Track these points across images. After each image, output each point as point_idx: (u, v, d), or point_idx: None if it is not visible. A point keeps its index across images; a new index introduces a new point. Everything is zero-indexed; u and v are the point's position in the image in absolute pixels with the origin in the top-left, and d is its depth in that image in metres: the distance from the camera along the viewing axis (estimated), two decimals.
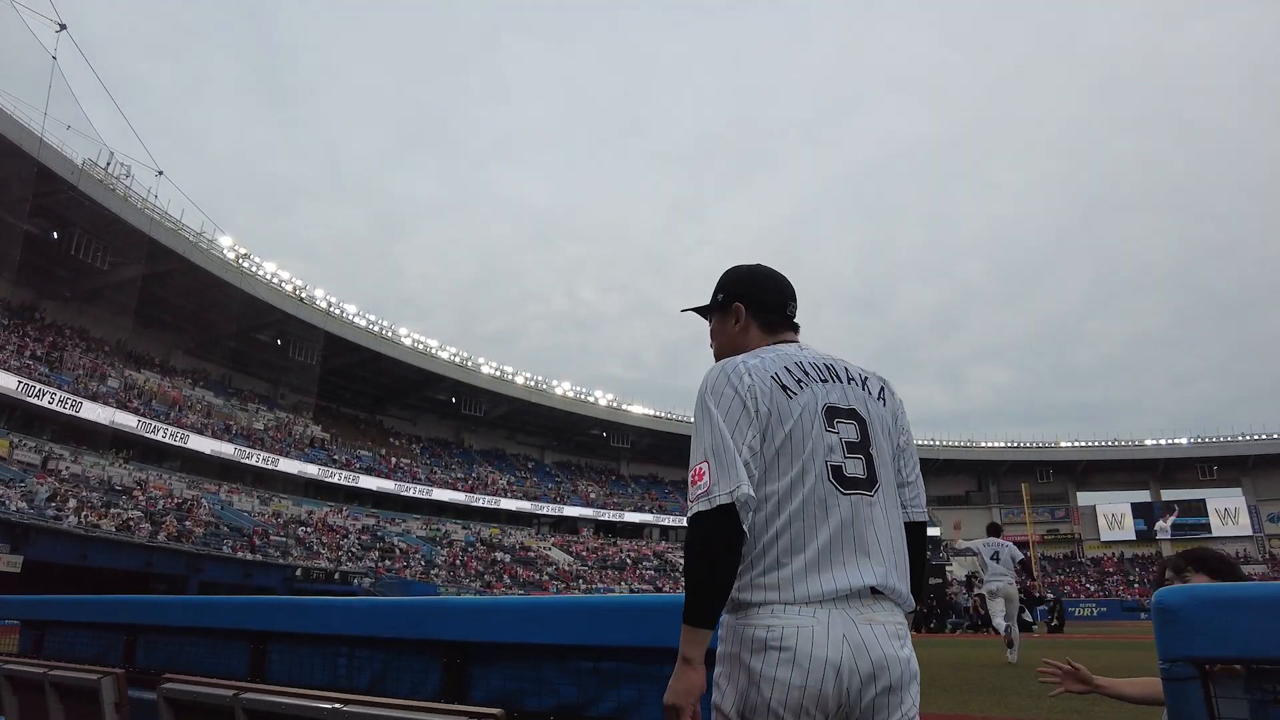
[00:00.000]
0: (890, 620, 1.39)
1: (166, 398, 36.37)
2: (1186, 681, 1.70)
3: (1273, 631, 1.61)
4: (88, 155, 31.25)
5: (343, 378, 46.88)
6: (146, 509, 27.57)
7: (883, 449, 1.51)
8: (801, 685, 1.31)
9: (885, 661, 1.34)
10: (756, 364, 1.52)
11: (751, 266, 1.82)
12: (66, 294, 35.71)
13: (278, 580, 28.38)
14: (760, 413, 1.46)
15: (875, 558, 1.41)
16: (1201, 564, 2.51)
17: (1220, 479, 56.75)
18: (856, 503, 1.43)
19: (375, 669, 3.03)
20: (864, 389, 1.56)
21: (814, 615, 1.35)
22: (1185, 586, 1.72)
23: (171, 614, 3.93)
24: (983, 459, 60.79)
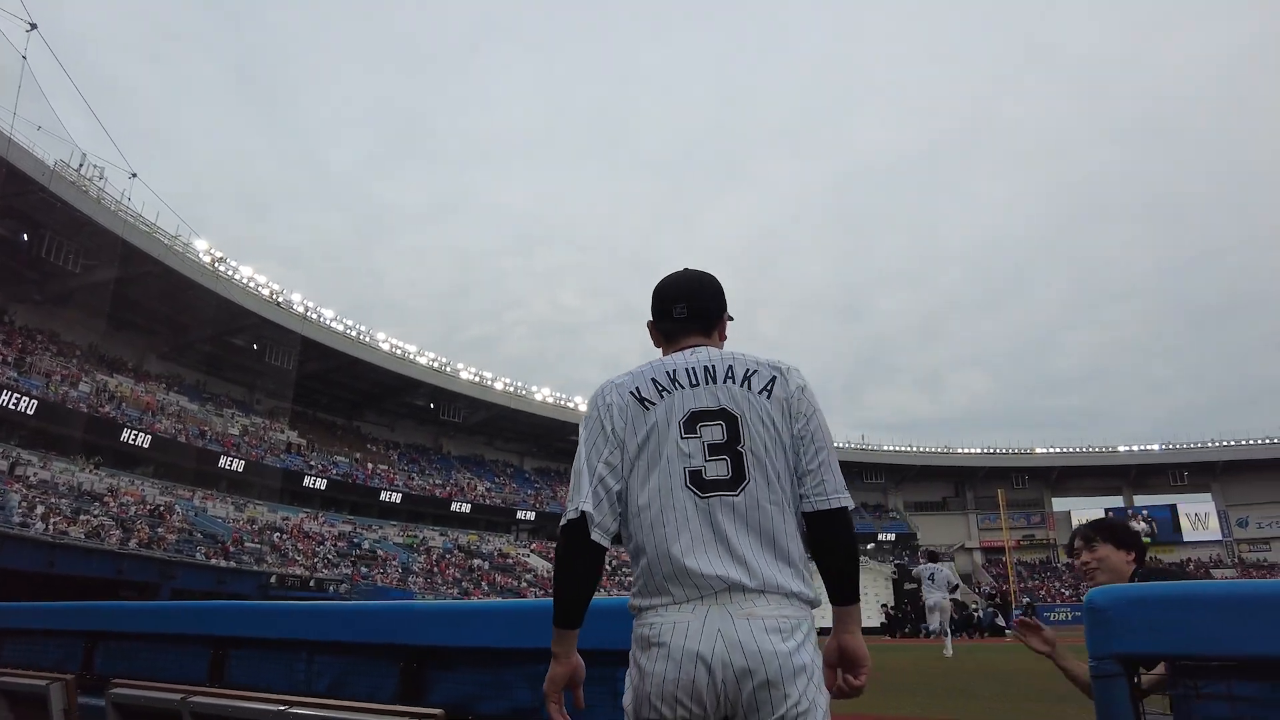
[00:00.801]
0: (773, 614, 1.40)
1: (140, 402, 35.85)
2: (1113, 679, 1.74)
3: (1195, 628, 1.66)
4: (60, 156, 30.83)
5: (320, 383, 46.44)
6: (118, 515, 27.14)
7: (757, 445, 1.50)
8: (675, 677, 1.37)
9: (760, 655, 1.36)
10: (626, 380, 1.61)
11: (661, 280, 1.82)
12: (37, 297, 35.13)
13: (252, 587, 28.00)
14: (615, 430, 1.55)
15: (740, 555, 1.43)
16: (1108, 533, 2.60)
17: (1191, 485, 57.67)
18: (716, 504, 1.46)
19: (334, 674, 3.02)
20: (745, 386, 1.55)
21: (692, 611, 1.41)
22: (1115, 587, 1.77)
23: (130, 620, 3.90)
24: (960, 465, 61.32)
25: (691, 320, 1.71)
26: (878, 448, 61.97)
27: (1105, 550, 2.57)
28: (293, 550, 33.83)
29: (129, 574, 23.72)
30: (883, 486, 64.17)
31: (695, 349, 1.66)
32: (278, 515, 37.06)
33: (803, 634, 1.41)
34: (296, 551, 33.94)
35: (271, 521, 35.94)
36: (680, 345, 1.70)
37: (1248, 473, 54.92)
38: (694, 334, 1.71)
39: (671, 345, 1.72)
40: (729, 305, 1.79)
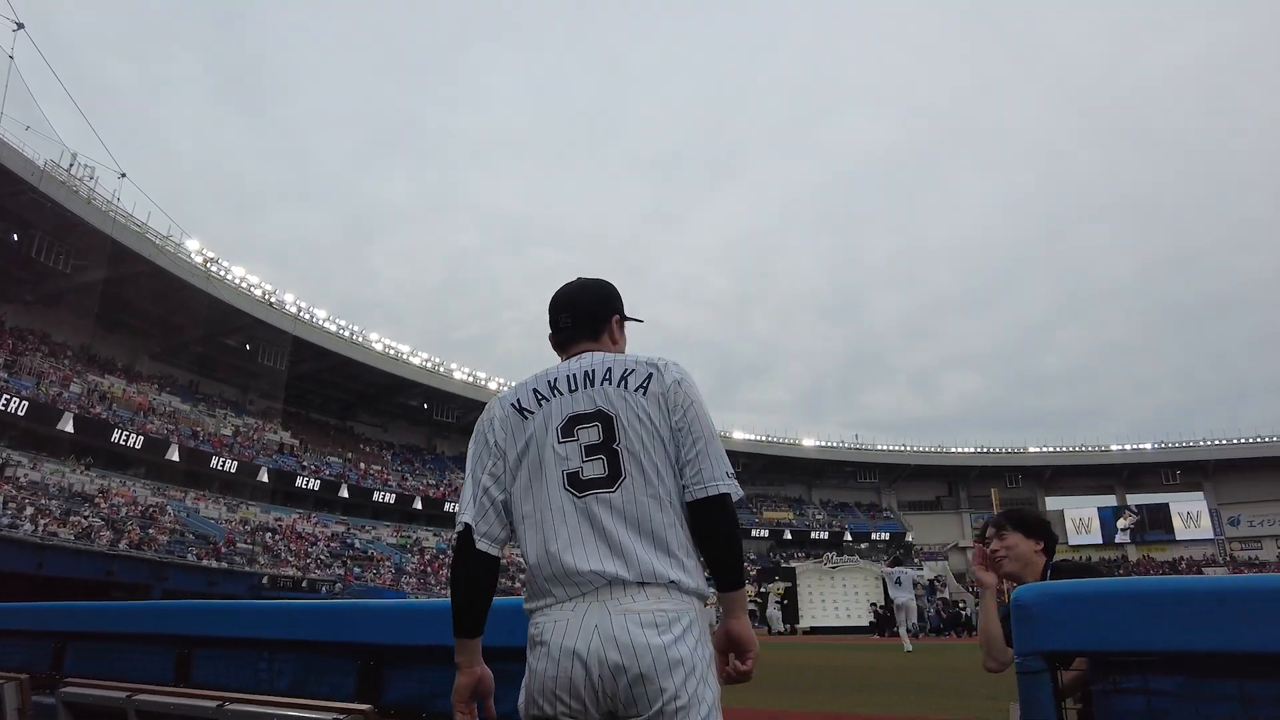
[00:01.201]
0: (649, 608, 1.41)
1: (131, 403, 35.76)
2: (1037, 675, 1.77)
3: (1116, 625, 1.69)
4: (50, 157, 30.74)
5: (312, 383, 46.39)
6: (109, 516, 27.07)
7: (633, 442, 1.53)
8: (554, 675, 1.41)
9: (634, 650, 1.37)
10: (509, 393, 1.69)
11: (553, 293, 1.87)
12: (28, 298, 35.01)
13: (244, 588, 27.97)
14: (497, 442, 1.62)
15: (619, 549, 1.46)
16: (1018, 522, 2.63)
17: (1183, 483, 57.87)
18: (592, 502, 1.51)
19: (294, 672, 3.04)
20: (621, 385, 1.58)
21: (572, 610, 1.45)
22: (1038, 584, 1.79)
23: (97, 620, 3.91)
24: (953, 464, 61.47)
25: (577, 328, 1.75)
26: (871, 447, 62.12)
27: (1014, 539, 2.58)
28: (285, 551, 33.79)
29: (119, 575, 23.67)
30: (876, 486, 64.33)
31: (580, 355, 1.70)
32: (270, 516, 37.00)
33: (682, 626, 1.42)
34: (289, 552, 33.89)
35: (264, 522, 35.88)
36: (570, 353, 1.74)
37: (1239, 471, 55.15)
38: (581, 341, 1.75)
39: (564, 354, 1.76)
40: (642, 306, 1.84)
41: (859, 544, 56.90)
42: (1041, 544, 2.57)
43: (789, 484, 64.71)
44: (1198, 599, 1.60)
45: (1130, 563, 56.08)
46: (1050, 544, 2.60)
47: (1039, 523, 2.63)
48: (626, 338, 1.86)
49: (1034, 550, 2.56)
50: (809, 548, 55.92)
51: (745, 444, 59.46)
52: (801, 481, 64.81)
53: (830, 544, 56.90)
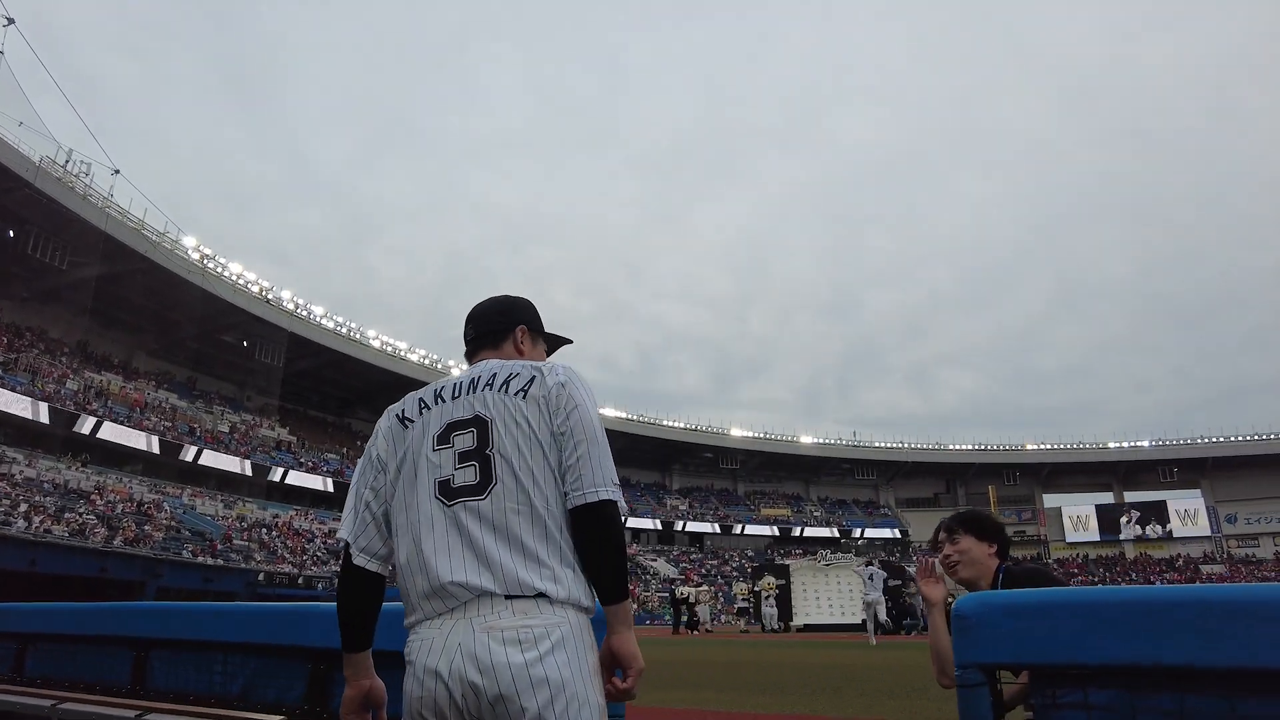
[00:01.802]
0: (514, 625, 1.35)
1: (128, 399, 35.72)
2: (976, 688, 1.72)
3: (1055, 637, 1.64)
4: (46, 153, 30.65)
5: (310, 380, 46.35)
6: (104, 513, 27.03)
7: (507, 447, 1.48)
8: (419, 695, 1.37)
9: (494, 669, 1.32)
10: (398, 405, 1.66)
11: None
12: (24, 294, 34.96)
13: (239, 585, 27.94)
14: (379, 455, 1.59)
15: (487, 559, 1.40)
16: (971, 525, 2.53)
17: (1180, 481, 57.89)
18: (460, 510, 1.45)
19: (247, 676, 2.99)
20: (502, 390, 1.54)
21: (439, 627, 1.39)
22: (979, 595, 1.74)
23: (59, 622, 3.85)
24: (951, 461, 61.49)
25: (478, 339, 1.77)
26: (869, 444, 62.11)
27: (967, 542, 2.49)
28: (282, 548, 33.75)
29: (113, 572, 23.62)
30: (874, 483, 64.32)
31: (481, 362, 1.68)
32: (267, 513, 36.97)
33: (549, 643, 1.35)
34: (285, 549, 33.86)
35: (261, 519, 35.84)
36: (475, 361, 1.74)
37: (1237, 469, 55.16)
38: (483, 351, 1.75)
39: (472, 362, 1.76)
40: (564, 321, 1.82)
41: (856, 541, 56.92)
42: (994, 547, 2.48)
43: (787, 481, 64.72)
44: (1135, 611, 1.55)
45: (1128, 560, 56.10)
46: (1004, 547, 2.50)
47: (992, 525, 2.53)
48: (544, 353, 1.85)
49: (987, 553, 2.47)
50: (807, 545, 55.94)
51: (743, 441, 59.44)
52: (799, 479, 64.81)
53: (829, 541, 56.93)
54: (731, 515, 59.87)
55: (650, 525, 56.42)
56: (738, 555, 55.51)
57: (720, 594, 44.11)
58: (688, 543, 58.26)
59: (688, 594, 22.55)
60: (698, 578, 43.17)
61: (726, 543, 58.56)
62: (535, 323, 1.83)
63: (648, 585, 47.19)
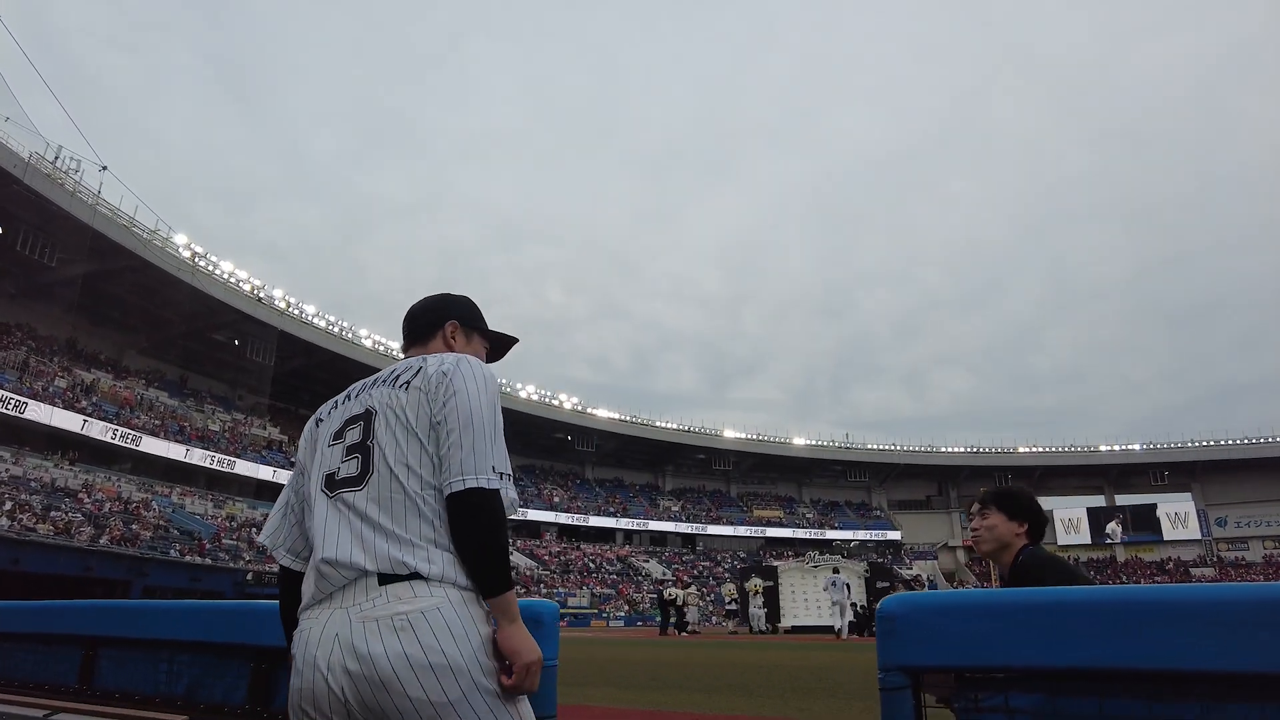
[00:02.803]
0: (389, 611, 1.32)
1: (118, 398, 35.55)
2: (898, 691, 1.68)
3: (978, 639, 1.61)
4: (35, 149, 30.47)
5: (302, 379, 46.21)
6: (91, 512, 26.88)
7: (384, 437, 1.47)
8: (299, 687, 1.37)
9: (371, 657, 1.29)
10: (328, 404, 1.67)
11: None
12: (12, 291, 34.77)
13: (227, 584, 27.84)
14: (301, 458, 1.65)
15: (360, 546, 1.39)
16: (1003, 501, 2.44)
17: (1171, 484, 58.09)
18: (339, 501, 1.47)
19: (194, 674, 2.95)
20: (391, 384, 1.54)
21: (316, 618, 1.39)
22: (903, 595, 1.70)
23: (7, 620, 3.80)
24: (943, 464, 61.60)
25: (409, 337, 1.77)
26: (862, 446, 62.17)
27: (996, 519, 2.41)
28: None
29: (99, 571, 23.50)
30: (866, 485, 64.37)
31: (398, 364, 1.65)
32: (257, 512, 36.82)
33: (427, 626, 1.32)
34: None
35: (251, 518, 35.71)
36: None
37: (1227, 473, 55.35)
38: (413, 349, 1.75)
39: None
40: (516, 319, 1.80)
41: (848, 543, 56.94)
42: (1024, 526, 2.39)
43: (779, 483, 64.75)
44: (1056, 613, 1.51)
45: (1119, 563, 56.26)
46: (1036, 528, 2.40)
47: (1026, 505, 2.42)
48: (480, 349, 1.84)
49: (1015, 533, 2.38)
50: (799, 547, 55.97)
51: (736, 443, 59.44)
52: (792, 480, 64.83)
53: (821, 543, 56.95)
54: (724, 516, 59.87)
55: (643, 526, 56.39)
56: (730, 557, 55.50)
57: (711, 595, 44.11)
58: (680, 544, 58.24)
59: (675, 595, 22.51)
60: (689, 579, 43.14)
61: (719, 544, 58.55)
62: (470, 318, 1.81)
63: (639, 586, 47.14)
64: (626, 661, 11.20)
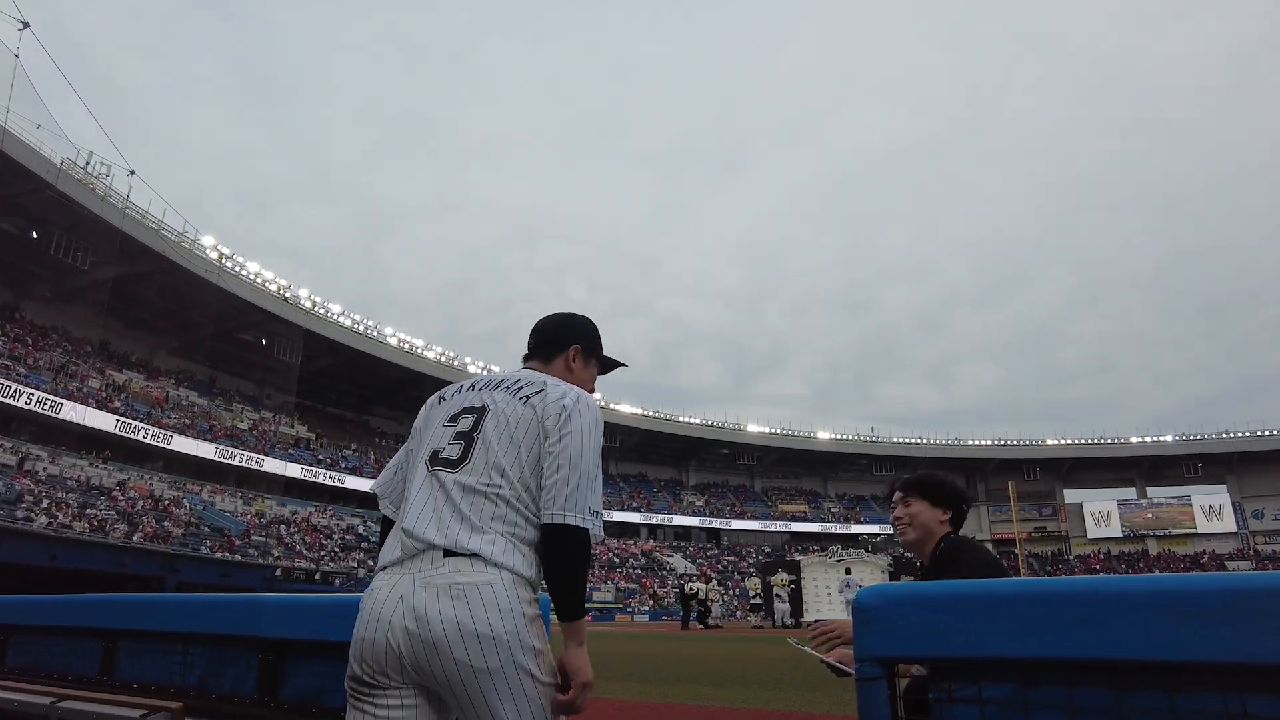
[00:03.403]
0: (449, 580, 1.48)
1: (149, 398, 36.25)
2: (873, 682, 1.69)
3: (952, 629, 1.61)
4: (66, 155, 31.13)
5: (328, 378, 46.82)
6: (125, 510, 27.47)
7: (489, 434, 1.64)
8: (360, 638, 1.53)
9: (428, 620, 1.44)
10: (454, 385, 1.89)
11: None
12: (47, 294, 35.58)
13: (257, 580, 28.32)
14: (417, 426, 1.84)
15: (439, 520, 1.56)
16: (924, 489, 2.40)
17: (1205, 476, 56.98)
18: (434, 477, 1.64)
19: (205, 666, 3.03)
20: (511, 393, 1.72)
21: (387, 578, 1.55)
22: (878, 586, 1.71)
23: (33, 613, 3.92)
24: (970, 457, 60.94)
25: (534, 351, 1.94)
26: (887, 440, 61.73)
27: (919, 506, 2.36)
28: (300, 544, 34.14)
29: (132, 568, 24.02)
30: (892, 479, 63.72)
31: (522, 372, 1.86)
32: (286, 509, 37.42)
33: (478, 598, 1.47)
34: (304, 545, 34.25)
35: (280, 515, 36.28)
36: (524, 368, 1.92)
37: (1263, 464, 54.20)
38: (533, 360, 1.92)
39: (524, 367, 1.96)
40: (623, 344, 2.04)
41: (874, 537, 56.56)
42: (948, 514, 2.35)
43: (804, 477, 64.50)
44: (1028, 603, 1.52)
45: (1151, 556, 55.35)
46: (958, 516, 2.36)
47: (950, 492, 2.37)
48: (594, 373, 2.00)
49: (939, 519, 2.34)
50: (824, 541, 55.73)
51: (760, 437, 59.30)
52: (817, 475, 64.56)
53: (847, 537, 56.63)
54: (748, 511, 59.77)
55: (667, 521, 56.45)
56: (754, 551, 55.42)
57: (735, 590, 44.10)
58: (704, 539, 58.26)
59: (696, 590, 22.56)
60: (712, 574, 43.15)
61: (743, 539, 58.47)
62: (591, 345, 1.97)
63: (664, 581, 47.22)
64: (646, 656, 11.26)
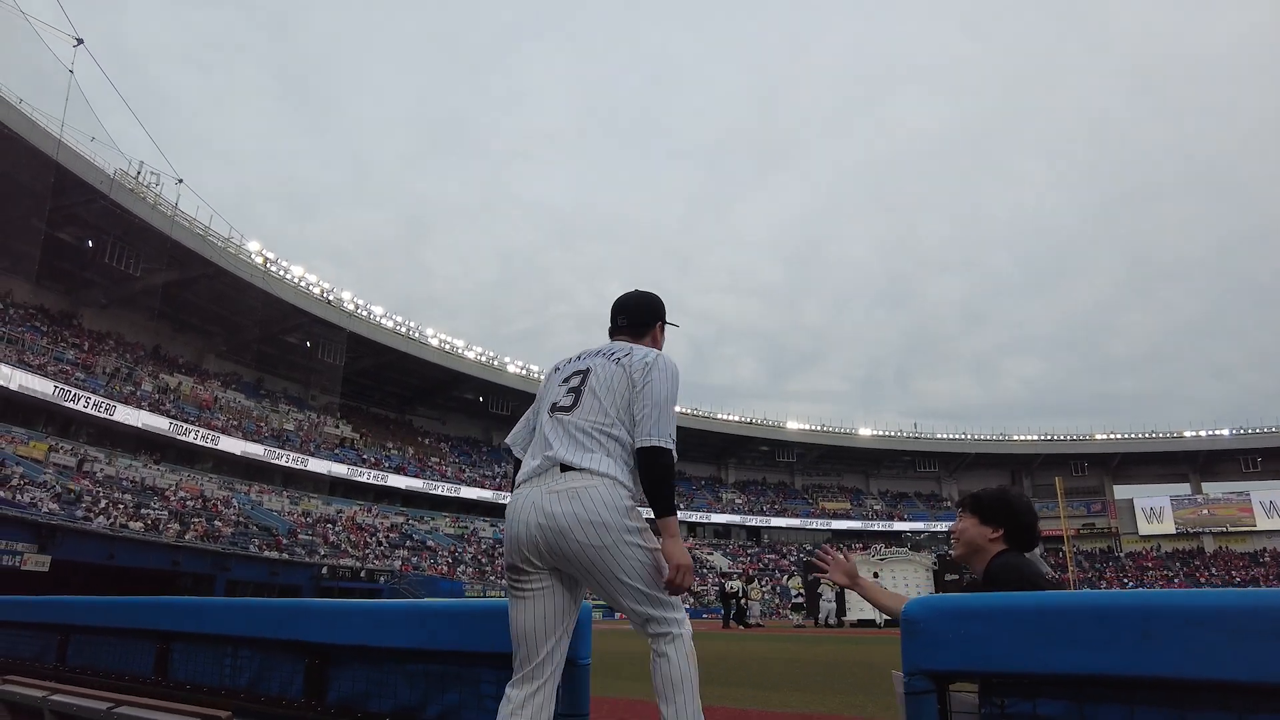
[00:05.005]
0: (567, 487, 2.04)
1: (198, 400, 37.22)
2: (923, 695, 1.66)
3: (1005, 644, 1.57)
4: (118, 166, 32.07)
5: (371, 378, 47.56)
6: (176, 509, 28.23)
7: (596, 388, 2.19)
8: (511, 535, 2.11)
9: (554, 515, 2.01)
10: (564, 358, 2.43)
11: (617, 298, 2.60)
12: (103, 301, 36.71)
13: (304, 578, 28.90)
14: (540, 392, 2.40)
15: (557, 447, 2.12)
16: (977, 505, 2.37)
17: (1264, 471, 54.99)
18: (554, 419, 2.20)
19: (254, 669, 3.08)
20: (606, 357, 2.27)
21: (523, 492, 2.13)
22: (928, 598, 1.67)
23: (91, 615, 4.03)
24: (1015, 453, 59.69)
25: (628, 328, 2.45)
26: (930, 436, 60.74)
27: (967, 522, 2.35)
28: (345, 542, 34.76)
29: (185, 566, 24.67)
30: (936, 475, 62.87)
31: (607, 342, 2.43)
32: (332, 508, 38.11)
33: (589, 497, 2.02)
34: (349, 543, 34.85)
35: (326, 514, 36.97)
36: (613, 339, 2.44)
37: None
38: (624, 335, 2.44)
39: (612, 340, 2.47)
40: (669, 313, 2.56)
41: (918, 535, 55.72)
42: (999, 532, 2.30)
43: (846, 474, 63.79)
44: (1083, 618, 1.47)
45: (1207, 554, 53.65)
46: (1015, 534, 2.31)
47: (1001, 510, 2.33)
48: (666, 338, 2.53)
49: (988, 537, 2.30)
50: (866, 539, 55.08)
51: (800, 434, 58.80)
52: (859, 472, 63.79)
53: (890, 535, 55.91)
54: (789, 509, 59.29)
55: (706, 519, 56.30)
56: (795, 549, 54.98)
57: (776, 588, 43.80)
58: (745, 537, 57.95)
59: (736, 588, 22.41)
60: (753, 572, 42.90)
61: (784, 536, 58.04)
62: (664, 318, 2.54)
63: (704, 579, 47.09)
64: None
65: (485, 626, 2.36)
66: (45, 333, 32.69)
